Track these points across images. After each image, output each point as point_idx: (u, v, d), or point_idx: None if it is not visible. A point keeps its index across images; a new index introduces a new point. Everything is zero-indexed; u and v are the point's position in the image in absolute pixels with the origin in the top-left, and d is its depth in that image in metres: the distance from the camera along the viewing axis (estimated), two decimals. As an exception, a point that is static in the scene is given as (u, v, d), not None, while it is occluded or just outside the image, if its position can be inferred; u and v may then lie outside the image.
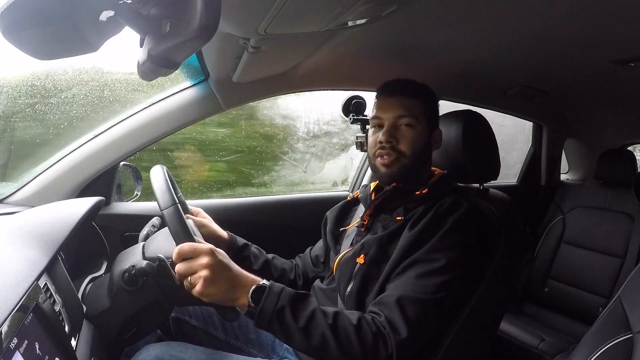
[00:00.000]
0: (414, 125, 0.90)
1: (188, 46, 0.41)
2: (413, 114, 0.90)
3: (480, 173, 1.01)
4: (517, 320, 1.69)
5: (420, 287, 0.78)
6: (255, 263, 1.05)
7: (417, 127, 0.90)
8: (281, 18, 0.65)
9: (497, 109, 1.68)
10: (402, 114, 0.90)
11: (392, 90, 0.93)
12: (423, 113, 0.91)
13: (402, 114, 0.90)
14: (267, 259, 1.08)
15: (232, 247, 1.04)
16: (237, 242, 1.06)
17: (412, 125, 0.90)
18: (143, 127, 1.16)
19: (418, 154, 0.90)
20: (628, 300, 0.66)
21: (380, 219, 0.94)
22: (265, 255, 1.09)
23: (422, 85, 0.95)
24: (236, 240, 1.06)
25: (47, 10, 0.42)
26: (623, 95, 1.43)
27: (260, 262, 1.06)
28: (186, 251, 0.71)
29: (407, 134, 0.90)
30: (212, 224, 1.05)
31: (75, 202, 0.90)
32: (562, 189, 1.98)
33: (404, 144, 0.90)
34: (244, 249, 1.06)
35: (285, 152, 2.08)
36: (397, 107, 0.90)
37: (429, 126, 0.92)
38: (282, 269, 1.09)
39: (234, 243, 1.05)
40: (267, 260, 1.08)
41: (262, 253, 1.09)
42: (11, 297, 0.53)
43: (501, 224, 0.91)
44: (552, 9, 0.73)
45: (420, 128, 0.90)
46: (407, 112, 0.89)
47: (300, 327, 0.72)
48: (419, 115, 0.91)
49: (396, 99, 0.91)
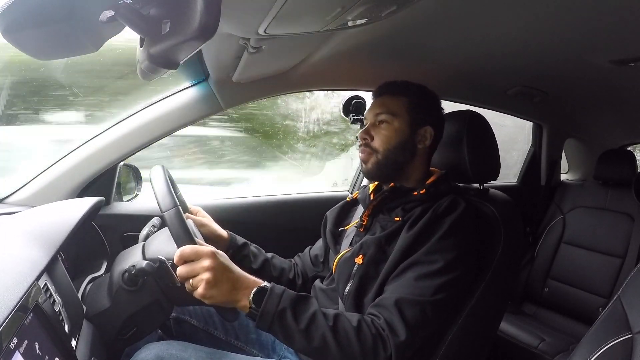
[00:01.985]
0: (390, 121, 0.92)
1: (188, 46, 0.41)
2: (390, 111, 0.92)
3: (480, 173, 1.00)
4: (517, 320, 1.69)
5: (418, 289, 0.78)
6: (255, 262, 1.05)
7: (393, 124, 0.92)
8: (281, 18, 0.65)
9: (497, 109, 1.68)
10: (380, 112, 0.93)
11: (379, 91, 0.97)
12: (405, 110, 0.92)
13: (379, 112, 0.93)
14: (266, 258, 1.08)
15: (232, 246, 1.04)
16: (237, 241, 1.06)
17: (388, 121, 0.92)
18: (143, 127, 1.16)
19: (392, 150, 0.91)
20: (628, 300, 0.66)
21: (378, 219, 0.94)
22: (264, 254, 1.09)
23: (408, 84, 0.95)
24: (235, 239, 1.06)
25: (48, 10, 0.42)
26: (623, 96, 1.42)
27: (259, 261, 1.06)
28: (188, 254, 0.71)
29: (382, 131, 0.92)
30: (212, 223, 1.05)
31: (75, 202, 0.90)
32: (562, 189, 1.98)
33: (377, 141, 0.92)
34: (243, 247, 1.06)
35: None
36: (379, 106, 0.94)
37: (411, 123, 0.92)
38: (281, 268, 1.09)
39: (233, 242, 1.05)
40: (266, 259, 1.08)
41: (262, 252, 1.09)
42: (11, 297, 0.53)
43: (501, 224, 0.90)
44: (552, 9, 0.73)
45: (397, 124, 0.91)
46: (385, 109, 0.92)
47: (301, 328, 0.72)
48: (398, 112, 0.92)
49: (380, 99, 0.95)
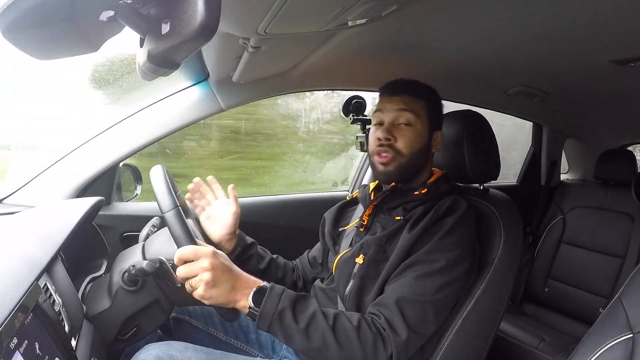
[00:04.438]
0: (413, 123, 0.89)
1: (188, 46, 0.41)
2: (414, 111, 0.89)
3: (480, 173, 1.00)
4: (517, 320, 1.69)
5: (419, 288, 0.78)
6: (261, 262, 1.05)
7: (416, 126, 0.90)
8: (281, 18, 0.65)
9: (497, 109, 1.68)
10: (403, 109, 0.89)
11: (396, 89, 0.92)
12: (425, 113, 0.91)
13: (403, 108, 0.89)
14: (272, 258, 1.08)
15: (240, 244, 1.03)
16: (246, 239, 1.05)
17: (411, 123, 0.89)
18: (143, 128, 1.16)
19: (416, 154, 0.90)
20: (628, 300, 0.66)
21: (379, 219, 0.94)
22: (269, 254, 1.09)
23: (426, 86, 0.94)
24: (244, 236, 1.05)
25: (48, 10, 0.42)
26: (623, 96, 1.42)
27: (265, 261, 1.06)
28: (187, 254, 0.71)
29: (406, 133, 0.89)
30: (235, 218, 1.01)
31: (75, 202, 0.90)
32: (562, 189, 1.97)
33: (401, 142, 0.89)
34: (252, 246, 1.05)
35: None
36: (399, 105, 0.90)
37: (430, 127, 0.92)
38: (284, 269, 1.09)
39: (242, 239, 1.04)
40: (272, 259, 1.08)
41: (267, 252, 1.09)
42: (11, 297, 0.53)
43: (501, 224, 0.90)
44: (552, 8, 0.73)
45: (420, 127, 0.90)
46: (408, 108, 0.89)
47: (300, 328, 0.72)
48: (420, 114, 0.90)
49: (399, 98, 0.91)
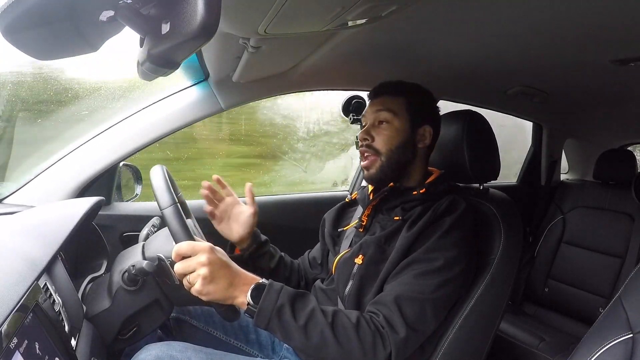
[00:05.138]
0: (390, 121, 0.91)
1: (188, 46, 0.41)
2: (390, 109, 0.92)
3: (480, 173, 1.00)
4: (517, 320, 1.69)
5: (418, 286, 0.78)
6: (272, 261, 1.05)
7: (393, 123, 0.91)
8: (281, 18, 0.65)
9: (497, 109, 1.68)
10: (380, 109, 0.92)
11: (378, 92, 0.96)
12: (405, 109, 0.92)
13: (379, 109, 0.92)
14: (281, 256, 1.09)
15: (256, 241, 1.03)
16: (260, 237, 1.05)
17: (388, 121, 0.91)
18: (143, 128, 1.17)
19: (395, 150, 0.91)
20: (628, 300, 0.66)
21: (378, 219, 0.94)
22: (279, 252, 1.09)
23: (408, 84, 0.95)
24: (259, 233, 1.05)
25: (47, 10, 0.42)
26: (623, 96, 1.42)
27: (275, 259, 1.06)
28: (185, 250, 0.71)
29: (383, 131, 0.92)
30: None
31: (75, 202, 0.90)
32: (562, 189, 1.98)
33: (379, 141, 0.91)
34: (265, 244, 1.05)
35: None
36: (377, 106, 0.93)
37: (412, 122, 0.92)
38: (291, 268, 1.10)
39: (257, 236, 1.04)
40: (281, 257, 1.09)
41: (277, 250, 1.09)
42: (11, 297, 0.53)
43: (501, 224, 0.90)
44: (552, 8, 0.73)
45: (398, 124, 0.91)
46: (384, 107, 0.92)
47: (299, 325, 0.72)
48: (398, 111, 0.92)
49: (378, 100, 0.94)
